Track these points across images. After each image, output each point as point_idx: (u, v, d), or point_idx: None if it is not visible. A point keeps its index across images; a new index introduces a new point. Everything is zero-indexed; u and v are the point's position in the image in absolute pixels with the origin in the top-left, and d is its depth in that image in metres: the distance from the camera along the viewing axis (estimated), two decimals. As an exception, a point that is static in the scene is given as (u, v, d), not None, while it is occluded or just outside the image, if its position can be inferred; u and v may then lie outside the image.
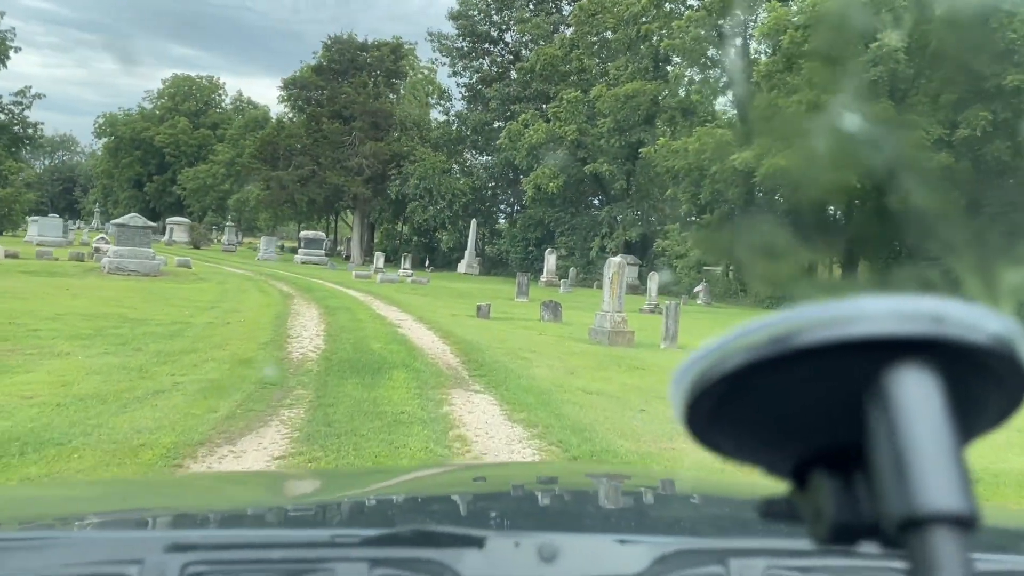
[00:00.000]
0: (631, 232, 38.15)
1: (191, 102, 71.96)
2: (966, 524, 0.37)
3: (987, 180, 24.65)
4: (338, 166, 46.98)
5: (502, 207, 50.68)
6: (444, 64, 51.70)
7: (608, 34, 41.03)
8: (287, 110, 55.66)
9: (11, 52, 43.73)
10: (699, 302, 28.58)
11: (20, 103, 47.27)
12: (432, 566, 0.94)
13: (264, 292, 20.16)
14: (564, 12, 47.92)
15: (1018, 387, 0.42)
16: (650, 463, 5.72)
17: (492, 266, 44.49)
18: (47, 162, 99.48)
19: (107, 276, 20.23)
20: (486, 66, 50.00)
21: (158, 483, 2.65)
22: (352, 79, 49.95)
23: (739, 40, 34.46)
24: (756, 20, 32.96)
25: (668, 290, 27.54)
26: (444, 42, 50.49)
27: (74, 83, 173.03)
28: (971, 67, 23.79)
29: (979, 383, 0.41)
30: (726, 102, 35.88)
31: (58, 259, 24.90)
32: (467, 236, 42.84)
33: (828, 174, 21.41)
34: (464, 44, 50.09)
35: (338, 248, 56.41)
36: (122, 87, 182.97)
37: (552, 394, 8.12)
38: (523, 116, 41.49)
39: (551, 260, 36.50)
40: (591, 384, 9.07)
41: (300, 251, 41.28)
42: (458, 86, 51.59)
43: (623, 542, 1.01)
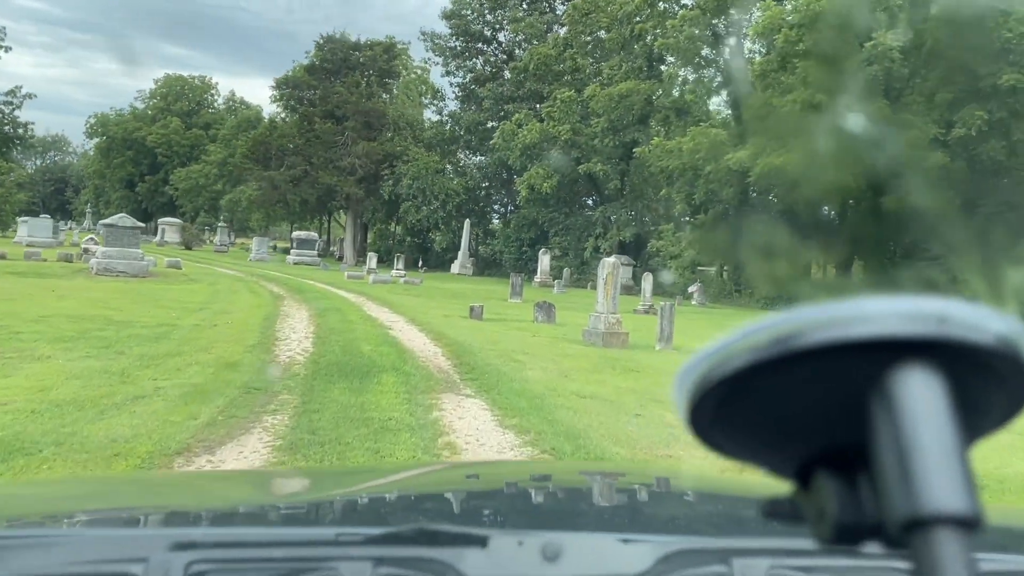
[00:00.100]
0: (625, 232, 38.02)
1: (183, 102, 71.80)
2: (970, 525, 0.37)
3: (982, 180, 24.56)
4: (331, 166, 46.70)
5: (496, 207, 50.55)
6: (437, 64, 51.66)
7: (602, 33, 40.86)
8: (279, 110, 55.33)
9: (2, 51, 43.52)
10: (694, 303, 28.38)
11: (11, 103, 46.88)
12: (435, 565, 0.94)
13: (254, 293, 19.90)
14: (558, 11, 47.78)
15: (1022, 388, 0.42)
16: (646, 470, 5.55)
17: (486, 266, 44.26)
18: (39, 162, 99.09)
19: (95, 277, 19.96)
20: (479, 66, 49.84)
21: (161, 481, 2.64)
22: (345, 79, 49.66)
23: (733, 39, 34.38)
24: (750, 19, 32.85)
25: (663, 291, 27.40)
26: (437, 42, 50.37)
27: (66, 83, 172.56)
28: (967, 66, 23.72)
29: (983, 384, 0.41)
30: (720, 102, 35.87)
31: (47, 260, 24.58)
32: (460, 236, 42.67)
33: (823, 174, 21.30)
34: (457, 43, 49.94)
35: (331, 249, 56.17)
36: (114, 87, 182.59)
37: (545, 398, 7.94)
38: (517, 116, 41.28)
39: (545, 260, 36.35)
40: (585, 387, 8.88)
41: (293, 252, 41.05)
42: (451, 86, 51.58)
43: (626, 541, 1.01)
